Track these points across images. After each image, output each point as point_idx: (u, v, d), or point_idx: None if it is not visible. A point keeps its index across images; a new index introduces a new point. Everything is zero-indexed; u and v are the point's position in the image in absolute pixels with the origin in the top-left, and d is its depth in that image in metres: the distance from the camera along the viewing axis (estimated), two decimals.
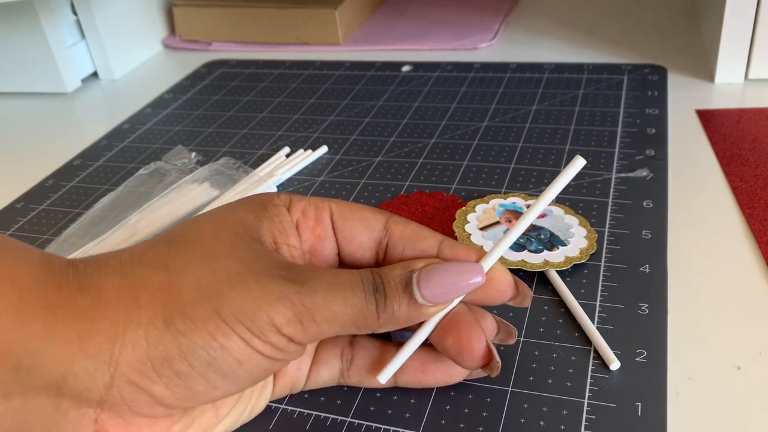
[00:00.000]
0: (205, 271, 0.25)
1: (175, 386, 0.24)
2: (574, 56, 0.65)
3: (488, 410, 0.31)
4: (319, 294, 0.25)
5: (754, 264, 0.38)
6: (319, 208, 0.29)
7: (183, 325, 0.23)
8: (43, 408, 0.23)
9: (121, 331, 0.23)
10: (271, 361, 0.25)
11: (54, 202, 0.51)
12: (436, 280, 0.26)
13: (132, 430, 0.24)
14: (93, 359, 0.23)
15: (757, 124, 0.51)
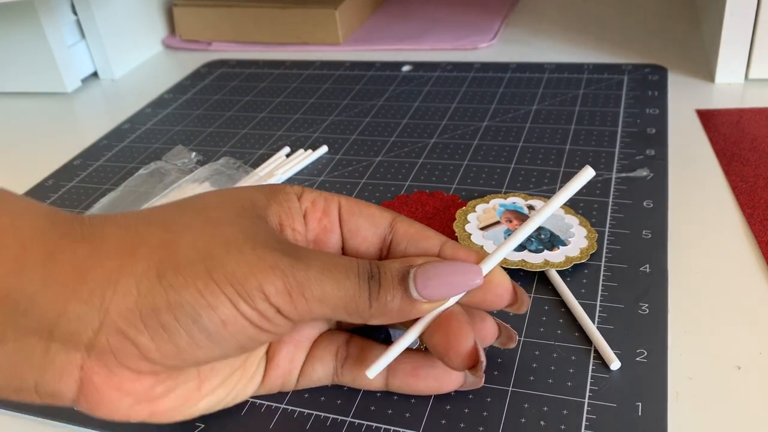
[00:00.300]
0: (204, 235, 0.25)
1: (160, 339, 0.24)
2: (575, 56, 0.65)
3: (488, 410, 0.31)
4: (313, 271, 0.25)
5: (755, 264, 0.38)
6: (329, 200, 0.30)
7: (174, 280, 0.24)
8: (34, 351, 0.24)
9: (114, 279, 0.23)
10: (256, 330, 0.25)
11: (54, 202, 0.51)
12: (433, 277, 0.27)
13: (115, 381, 0.25)
14: (85, 303, 0.23)
15: (758, 124, 0.51)
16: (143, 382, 0.25)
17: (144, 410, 0.26)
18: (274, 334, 0.26)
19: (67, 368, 0.24)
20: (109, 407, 0.25)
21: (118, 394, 0.25)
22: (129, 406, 0.26)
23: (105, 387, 0.25)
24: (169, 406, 0.27)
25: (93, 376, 0.24)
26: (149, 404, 0.26)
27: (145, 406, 0.26)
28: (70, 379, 0.24)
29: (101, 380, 0.25)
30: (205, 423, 0.32)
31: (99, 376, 0.24)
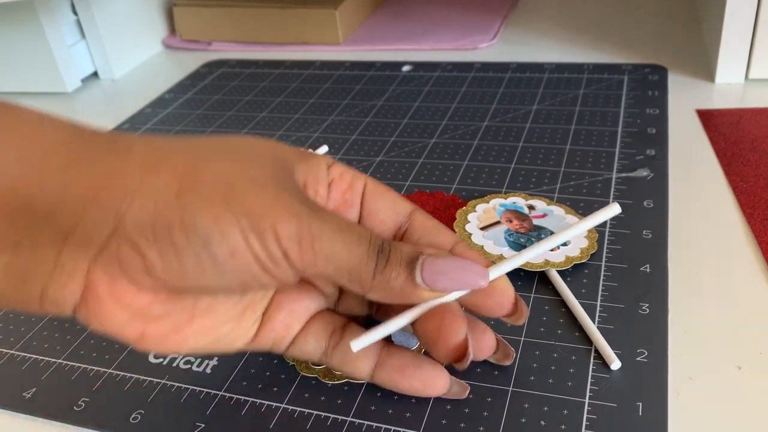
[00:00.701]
0: (230, 167, 0.26)
1: (168, 256, 0.24)
2: (575, 56, 0.65)
3: (489, 410, 0.31)
4: (327, 228, 0.25)
5: (755, 264, 0.38)
6: (356, 177, 0.30)
7: (192, 201, 0.24)
8: (47, 259, 0.24)
9: (134, 190, 0.24)
10: (260, 269, 0.25)
11: None
12: (441, 267, 0.27)
13: (117, 291, 0.25)
14: (102, 211, 0.23)
15: (758, 124, 0.51)
16: (142, 298, 0.26)
17: (137, 329, 0.26)
18: (275, 279, 0.26)
19: (74, 274, 0.25)
20: (105, 318, 0.26)
21: (116, 306, 0.25)
22: (124, 321, 0.26)
23: (105, 296, 0.25)
24: (160, 332, 0.27)
25: (96, 283, 0.25)
26: (143, 323, 0.26)
27: (139, 325, 0.26)
28: (75, 285, 0.25)
29: (103, 288, 0.25)
30: (205, 423, 0.32)
31: (102, 284, 0.25)
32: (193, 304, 0.28)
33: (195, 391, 0.34)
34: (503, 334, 0.35)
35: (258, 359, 0.35)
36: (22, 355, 0.37)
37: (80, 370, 0.36)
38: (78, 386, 0.35)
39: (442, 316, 0.28)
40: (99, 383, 0.35)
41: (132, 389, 0.34)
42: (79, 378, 0.35)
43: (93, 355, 0.37)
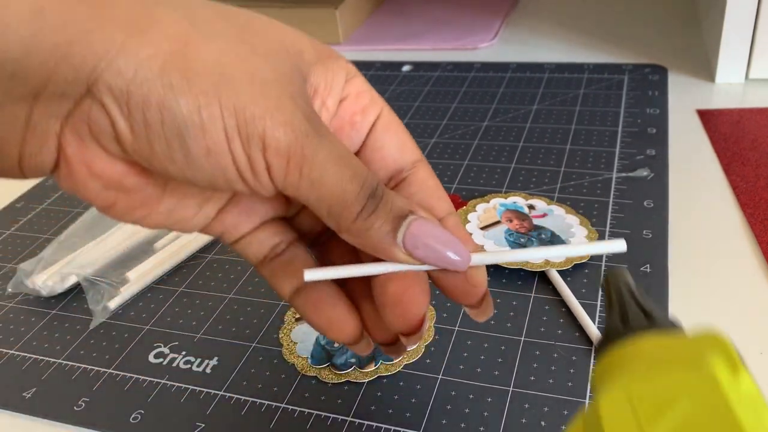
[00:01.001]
0: (232, 51, 0.22)
1: (139, 133, 0.22)
2: (575, 56, 0.65)
3: (489, 410, 0.31)
4: (323, 153, 0.23)
5: (755, 264, 0.38)
6: (373, 102, 0.27)
7: (177, 82, 0.21)
8: (18, 120, 0.22)
9: (113, 53, 0.21)
10: (236, 175, 0.23)
11: (54, 202, 0.51)
12: (425, 235, 0.25)
13: (87, 155, 0.23)
14: (74, 69, 0.21)
15: (758, 123, 0.51)
16: (115, 168, 0.23)
17: (108, 198, 0.24)
18: (249, 189, 0.24)
19: (47, 136, 0.22)
20: (78, 185, 0.24)
21: (88, 174, 0.23)
22: (97, 190, 0.24)
23: (76, 161, 0.23)
24: (129, 205, 0.25)
25: (67, 147, 0.23)
26: (114, 194, 0.24)
27: (111, 195, 0.24)
28: (48, 149, 0.23)
29: (73, 152, 0.23)
30: (205, 423, 0.32)
31: (72, 147, 0.23)
32: (165, 183, 0.25)
33: (195, 391, 0.34)
34: (503, 333, 0.35)
35: (258, 359, 0.35)
36: (22, 355, 0.37)
37: (80, 370, 0.36)
38: (78, 386, 0.35)
39: (409, 283, 0.26)
40: (99, 383, 0.35)
41: (132, 389, 0.34)
42: (79, 378, 0.35)
43: (93, 355, 0.37)
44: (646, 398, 0.16)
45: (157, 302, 0.40)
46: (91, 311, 0.40)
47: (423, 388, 0.32)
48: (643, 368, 0.18)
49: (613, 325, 0.20)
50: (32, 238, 0.47)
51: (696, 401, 0.15)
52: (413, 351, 0.34)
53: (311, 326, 0.28)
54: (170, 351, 0.37)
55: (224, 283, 0.41)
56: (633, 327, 0.20)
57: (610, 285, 0.22)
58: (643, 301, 0.21)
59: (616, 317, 0.20)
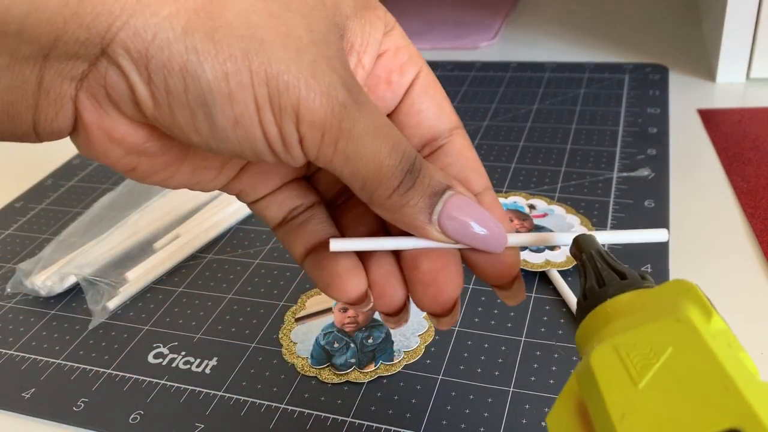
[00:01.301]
0: (263, 9, 0.20)
1: (160, 101, 0.20)
2: (575, 55, 0.65)
3: (489, 410, 0.31)
4: (361, 126, 0.21)
5: (756, 264, 0.38)
6: (413, 59, 0.26)
7: (202, 45, 0.19)
8: (28, 83, 0.20)
9: (129, 10, 0.19)
10: (265, 147, 0.21)
11: (53, 202, 0.51)
12: (462, 214, 0.23)
13: (106, 121, 0.21)
14: (86, 29, 0.19)
15: (759, 123, 0.51)
16: (137, 134, 0.22)
17: (130, 162, 0.23)
18: (279, 160, 0.22)
19: (60, 101, 0.21)
20: (98, 150, 0.22)
21: (108, 139, 0.22)
22: (119, 156, 0.22)
23: (95, 127, 0.21)
24: (151, 168, 0.24)
25: (84, 112, 0.21)
26: (137, 158, 0.23)
27: (133, 159, 0.23)
28: (64, 114, 0.21)
29: (91, 117, 0.21)
30: (205, 423, 0.32)
31: (89, 113, 0.21)
32: (187, 147, 0.24)
33: (194, 392, 0.34)
34: (503, 333, 0.35)
35: (258, 359, 0.35)
36: (21, 356, 0.37)
37: (79, 371, 0.36)
38: (77, 386, 0.35)
39: (443, 262, 0.24)
40: (98, 383, 0.35)
41: (131, 389, 0.34)
42: (78, 378, 0.35)
43: (92, 356, 0.37)
44: (633, 349, 0.17)
45: (157, 302, 0.40)
46: (90, 311, 0.39)
47: (423, 389, 0.32)
48: (625, 322, 0.19)
49: (590, 288, 0.21)
50: (31, 238, 0.47)
51: (679, 347, 0.17)
52: (413, 351, 0.34)
53: (317, 286, 0.26)
54: (170, 351, 0.36)
55: (224, 283, 0.41)
56: (609, 287, 0.21)
57: (582, 251, 0.23)
58: (615, 263, 0.22)
59: (592, 280, 0.21)
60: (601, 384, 0.17)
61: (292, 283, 0.40)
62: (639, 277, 0.21)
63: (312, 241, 0.26)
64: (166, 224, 0.45)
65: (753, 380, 0.16)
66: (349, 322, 0.36)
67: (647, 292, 0.20)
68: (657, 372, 0.16)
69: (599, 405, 0.17)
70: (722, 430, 0.15)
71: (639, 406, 0.16)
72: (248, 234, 0.45)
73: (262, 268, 0.42)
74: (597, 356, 0.18)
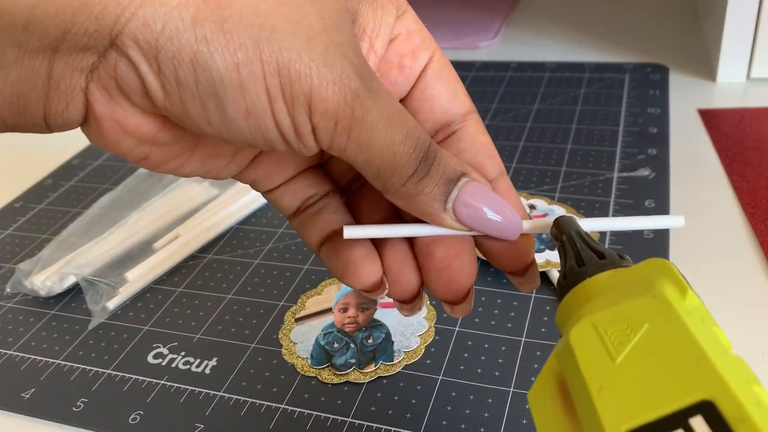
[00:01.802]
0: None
1: (171, 92, 0.20)
2: (576, 55, 0.65)
3: (490, 411, 0.31)
4: (375, 113, 0.21)
5: (757, 264, 0.38)
6: (425, 43, 0.25)
7: (212, 35, 0.19)
8: (38, 76, 0.20)
9: (137, 2, 0.19)
10: (278, 136, 0.21)
11: (53, 202, 0.51)
12: (476, 201, 0.23)
13: (117, 112, 0.21)
14: (95, 20, 0.19)
15: (760, 123, 0.50)
16: (149, 125, 0.22)
17: (142, 152, 0.23)
18: (292, 149, 0.22)
19: (71, 93, 0.21)
20: (110, 141, 0.22)
21: (120, 130, 0.22)
22: (130, 146, 0.23)
23: (106, 119, 0.21)
24: (163, 157, 0.24)
25: (95, 103, 0.21)
26: (149, 148, 0.23)
27: (145, 149, 0.23)
28: (75, 106, 0.21)
29: (102, 109, 0.21)
30: (204, 424, 0.32)
31: (100, 104, 0.21)
32: (199, 136, 0.24)
33: (194, 392, 0.34)
34: (503, 333, 0.35)
35: (258, 359, 0.35)
36: (21, 356, 0.37)
37: (79, 371, 0.36)
38: (77, 387, 0.35)
39: (458, 250, 0.24)
40: (98, 384, 0.35)
41: (131, 390, 0.34)
42: (78, 378, 0.35)
43: (92, 356, 0.37)
44: (611, 326, 0.18)
45: (156, 302, 0.40)
46: (90, 311, 0.39)
47: (423, 389, 0.32)
48: (603, 300, 0.19)
49: (570, 268, 0.21)
50: (31, 238, 0.47)
51: (654, 322, 0.17)
52: (413, 351, 0.34)
53: (333, 274, 0.26)
54: (169, 351, 0.36)
55: (223, 283, 0.41)
56: (588, 267, 0.21)
57: (562, 232, 0.23)
58: (594, 244, 0.22)
59: (571, 260, 0.22)
60: (580, 360, 0.17)
61: (292, 283, 0.40)
62: (618, 256, 0.21)
63: (327, 230, 0.26)
64: (166, 224, 0.45)
65: (725, 353, 0.16)
66: (349, 323, 0.36)
67: (625, 270, 0.20)
68: (633, 347, 0.17)
69: (578, 380, 0.17)
70: (695, 401, 0.15)
71: (616, 380, 0.16)
72: (248, 234, 0.45)
73: (262, 268, 0.42)
74: (576, 333, 0.18)
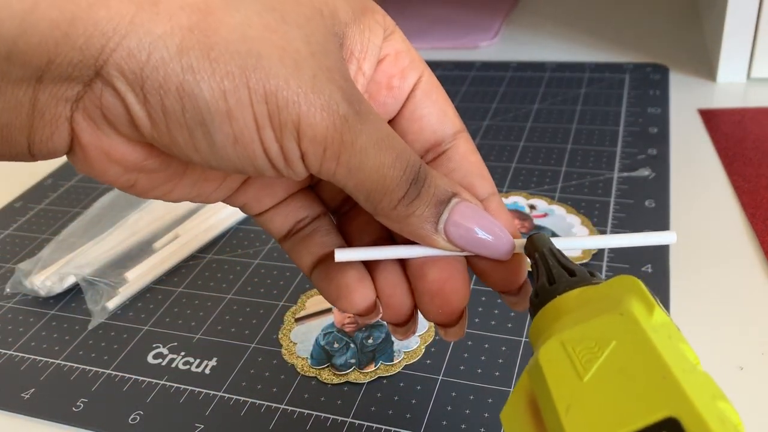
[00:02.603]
0: (259, 22, 0.20)
1: (157, 121, 0.20)
2: (576, 55, 0.65)
3: (490, 411, 0.31)
4: (364, 138, 0.21)
5: (757, 264, 0.38)
6: (414, 64, 0.25)
7: (198, 64, 0.19)
8: (22, 106, 0.20)
9: (121, 31, 0.19)
10: (266, 163, 0.21)
11: (53, 202, 0.51)
12: (468, 222, 0.23)
13: (104, 142, 0.21)
14: (79, 51, 0.19)
15: (760, 123, 0.50)
16: (135, 153, 0.22)
17: (129, 180, 0.23)
18: (281, 175, 0.22)
19: (56, 122, 0.20)
20: (96, 169, 0.22)
21: (106, 159, 0.21)
22: (117, 174, 0.22)
23: (92, 148, 0.21)
24: (151, 184, 0.24)
25: (80, 133, 0.21)
26: (136, 175, 0.23)
27: (132, 176, 0.23)
28: (60, 135, 0.21)
29: (88, 139, 0.21)
30: (204, 424, 0.32)
31: (86, 134, 0.21)
32: (186, 162, 0.24)
33: (194, 392, 0.34)
34: (503, 333, 0.35)
35: (258, 360, 0.35)
36: (21, 356, 0.37)
37: (79, 371, 0.36)
38: (76, 387, 0.35)
39: (450, 272, 0.24)
40: (98, 384, 0.35)
41: (131, 390, 0.34)
42: (77, 379, 0.35)
43: (92, 356, 0.37)
44: (579, 343, 0.18)
45: (156, 303, 0.40)
46: (89, 311, 0.39)
47: (423, 389, 0.32)
48: (572, 318, 0.19)
49: (541, 286, 0.22)
50: (31, 238, 0.47)
51: (622, 340, 0.17)
52: (413, 351, 0.34)
53: (326, 299, 0.26)
54: (169, 351, 0.36)
55: (223, 283, 0.41)
56: (559, 284, 0.21)
57: (535, 249, 0.23)
58: (566, 261, 0.22)
59: (543, 278, 0.22)
60: (549, 378, 0.17)
61: (292, 283, 0.40)
62: (588, 274, 0.21)
63: (319, 253, 0.26)
64: (166, 224, 0.45)
65: (692, 370, 0.16)
66: (349, 323, 0.36)
67: (594, 288, 0.20)
68: (601, 365, 0.17)
69: (547, 399, 0.17)
70: (660, 418, 0.15)
71: (583, 399, 0.16)
72: (248, 234, 0.45)
73: (262, 268, 0.42)
74: (545, 352, 0.18)
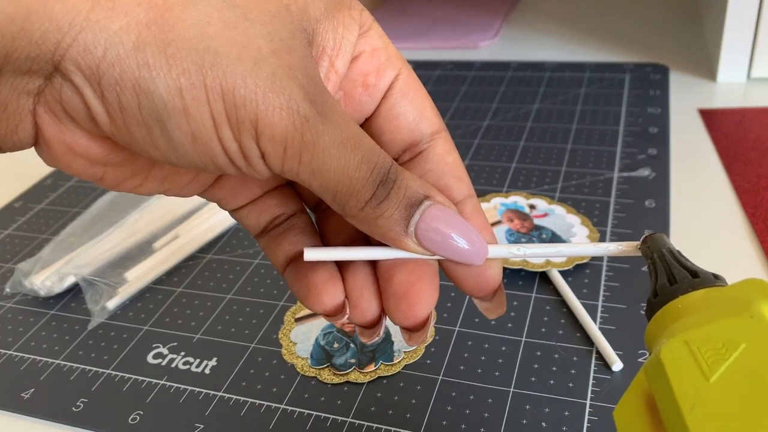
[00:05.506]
0: (219, 19, 0.19)
1: (115, 117, 0.20)
2: (576, 55, 0.65)
3: (490, 411, 0.31)
4: (327, 138, 0.20)
5: (757, 263, 0.38)
6: (391, 60, 0.24)
7: (154, 60, 0.19)
8: None
9: (77, 26, 0.18)
10: (226, 161, 0.21)
11: (53, 201, 0.51)
12: (439, 226, 0.22)
13: (66, 136, 0.21)
14: (36, 45, 0.19)
15: (760, 123, 0.50)
16: (99, 147, 0.21)
17: (96, 173, 0.23)
18: (243, 173, 0.21)
19: (19, 115, 0.20)
20: (62, 163, 0.22)
21: (70, 153, 0.21)
22: (83, 167, 0.22)
23: (55, 141, 0.21)
24: (119, 177, 0.23)
25: (44, 126, 0.21)
26: (102, 168, 0.23)
27: (99, 170, 0.23)
28: (24, 128, 0.21)
29: (51, 132, 0.21)
30: (204, 424, 0.32)
31: (49, 127, 0.21)
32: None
33: (194, 392, 0.34)
34: (503, 333, 0.35)
35: (258, 360, 0.35)
36: (21, 356, 0.37)
37: (79, 371, 0.36)
38: (76, 387, 0.35)
39: (418, 275, 0.23)
40: (97, 384, 0.35)
41: (131, 390, 0.34)
42: (77, 378, 0.35)
43: (91, 356, 0.36)
44: (705, 344, 0.17)
45: (156, 302, 0.40)
46: (89, 311, 0.39)
47: (423, 389, 0.32)
48: (696, 318, 0.19)
49: (662, 286, 0.21)
50: (30, 238, 0.47)
51: (752, 343, 0.17)
52: (413, 351, 0.34)
53: (295, 296, 0.25)
54: (169, 351, 0.36)
55: (223, 283, 0.41)
56: (681, 285, 0.21)
57: (652, 250, 0.23)
58: (687, 262, 0.22)
59: (663, 278, 0.22)
60: (671, 376, 0.17)
61: None
62: (711, 276, 0.21)
63: (292, 251, 0.25)
64: (166, 224, 0.45)
65: None
66: (349, 323, 0.36)
67: (719, 290, 0.20)
68: (729, 367, 0.17)
69: (668, 397, 0.17)
70: None
71: (709, 399, 0.16)
72: (248, 234, 0.45)
73: (262, 268, 0.42)
74: (667, 350, 0.18)
